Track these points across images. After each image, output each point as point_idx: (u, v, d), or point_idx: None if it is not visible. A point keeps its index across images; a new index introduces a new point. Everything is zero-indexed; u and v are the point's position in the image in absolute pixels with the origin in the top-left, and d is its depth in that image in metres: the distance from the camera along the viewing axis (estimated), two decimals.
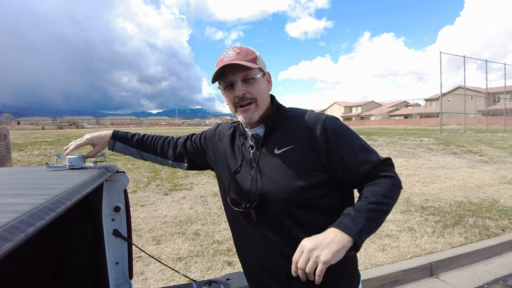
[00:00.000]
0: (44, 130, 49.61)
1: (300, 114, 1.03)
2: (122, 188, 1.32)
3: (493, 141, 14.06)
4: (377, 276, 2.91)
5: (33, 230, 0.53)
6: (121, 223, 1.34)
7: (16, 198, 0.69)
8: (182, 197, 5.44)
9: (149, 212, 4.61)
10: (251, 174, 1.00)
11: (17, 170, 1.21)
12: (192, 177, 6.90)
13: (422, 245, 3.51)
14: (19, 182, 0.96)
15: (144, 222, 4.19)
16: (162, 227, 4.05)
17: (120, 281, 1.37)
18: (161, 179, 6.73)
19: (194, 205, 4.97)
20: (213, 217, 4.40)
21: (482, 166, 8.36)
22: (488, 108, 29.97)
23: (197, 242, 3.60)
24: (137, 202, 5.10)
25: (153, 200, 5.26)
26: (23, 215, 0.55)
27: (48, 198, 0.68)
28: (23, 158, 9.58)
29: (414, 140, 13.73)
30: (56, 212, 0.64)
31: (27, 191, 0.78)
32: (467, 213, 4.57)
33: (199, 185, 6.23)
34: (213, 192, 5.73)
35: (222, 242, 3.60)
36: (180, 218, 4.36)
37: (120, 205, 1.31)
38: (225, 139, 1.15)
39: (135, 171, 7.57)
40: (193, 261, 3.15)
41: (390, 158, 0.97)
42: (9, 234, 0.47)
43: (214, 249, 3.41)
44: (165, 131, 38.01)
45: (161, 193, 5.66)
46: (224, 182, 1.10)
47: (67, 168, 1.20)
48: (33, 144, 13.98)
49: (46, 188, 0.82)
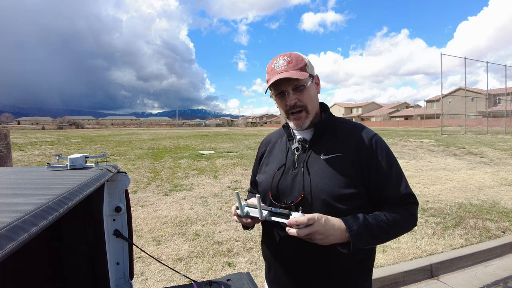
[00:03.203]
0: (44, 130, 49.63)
1: (352, 126, 1.09)
2: (123, 189, 1.32)
3: (494, 143, 14.05)
4: (378, 278, 2.91)
5: (36, 230, 0.53)
6: (122, 224, 1.34)
7: (18, 198, 0.69)
8: (183, 197, 5.44)
9: (149, 213, 4.61)
10: (294, 173, 1.06)
11: (18, 170, 1.21)
12: (193, 178, 6.90)
13: (423, 247, 3.50)
14: (21, 182, 0.96)
15: (144, 223, 4.20)
16: (162, 227, 4.05)
17: (120, 282, 1.37)
18: (161, 180, 6.73)
19: (195, 206, 4.97)
20: (213, 218, 4.40)
21: (483, 168, 8.35)
22: (488, 110, 29.97)
23: (197, 242, 3.60)
24: (137, 203, 5.10)
25: (153, 200, 5.26)
26: (26, 215, 0.55)
27: (50, 198, 0.68)
28: (23, 158, 9.59)
29: (414, 142, 13.73)
30: (59, 212, 0.64)
31: (29, 191, 0.78)
32: (467, 215, 4.56)
33: (200, 186, 6.23)
34: (213, 192, 5.73)
35: (222, 243, 3.60)
36: (180, 219, 4.36)
37: (121, 205, 1.31)
38: (273, 143, 1.23)
39: (136, 171, 7.57)
40: (193, 262, 3.15)
41: (415, 197, 1.03)
42: (13, 234, 0.48)
43: (214, 250, 3.41)
44: (165, 131, 38.02)
45: (162, 194, 5.66)
46: (267, 179, 1.13)
47: (68, 168, 1.20)
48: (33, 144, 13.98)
49: (48, 188, 0.82)
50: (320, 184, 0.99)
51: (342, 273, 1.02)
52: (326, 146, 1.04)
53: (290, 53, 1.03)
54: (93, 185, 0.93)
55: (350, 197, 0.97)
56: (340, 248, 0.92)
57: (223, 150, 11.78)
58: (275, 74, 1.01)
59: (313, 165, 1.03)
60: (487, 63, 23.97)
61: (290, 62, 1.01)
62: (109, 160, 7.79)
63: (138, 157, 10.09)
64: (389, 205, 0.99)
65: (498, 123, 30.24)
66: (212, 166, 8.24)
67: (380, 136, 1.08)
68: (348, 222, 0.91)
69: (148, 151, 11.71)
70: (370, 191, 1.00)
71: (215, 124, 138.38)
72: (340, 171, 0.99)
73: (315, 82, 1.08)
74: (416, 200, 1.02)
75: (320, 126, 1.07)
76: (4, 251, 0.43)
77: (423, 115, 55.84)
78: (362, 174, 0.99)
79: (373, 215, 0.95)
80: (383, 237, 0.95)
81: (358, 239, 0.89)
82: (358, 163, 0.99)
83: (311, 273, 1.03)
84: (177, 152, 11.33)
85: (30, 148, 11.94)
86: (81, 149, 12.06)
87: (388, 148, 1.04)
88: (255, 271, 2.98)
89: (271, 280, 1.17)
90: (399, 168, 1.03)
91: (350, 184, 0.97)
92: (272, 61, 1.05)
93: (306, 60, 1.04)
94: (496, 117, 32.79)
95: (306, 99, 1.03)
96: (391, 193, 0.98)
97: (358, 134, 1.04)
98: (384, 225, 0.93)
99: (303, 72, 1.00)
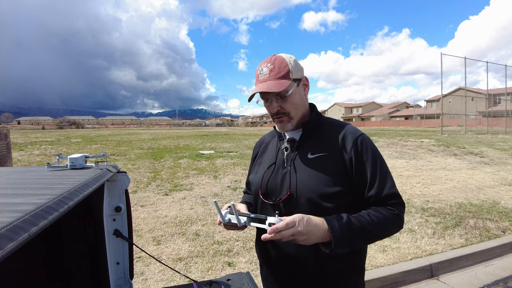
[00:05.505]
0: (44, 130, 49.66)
1: (338, 125, 1.11)
2: (123, 188, 1.32)
3: (494, 143, 14.06)
4: (377, 278, 2.91)
5: (37, 230, 0.53)
6: (122, 223, 1.34)
7: (18, 198, 0.69)
8: (183, 197, 5.44)
9: (150, 213, 4.61)
10: (283, 172, 1.09)
11: (19, 170, 1.21)
12: (193, 178, 6.90)
13: (423, 247, 3.50)
14: (21, 182, 0.96)
15: (144, 223, 4.20)
16: (162, 227, 4.05)
17: (120, 281, 1.37)
18: (162, 180, 6.73)
19: (195, 206, 4.97)
20: (213, 218, 4.40)
21: (483, 168, 8.35)
22: (489, 110, 29.97)
23: (197, 242, 3.60)
24: (137, 202, 5.11)
25: (153, 200, 5.26)
26: (27, 215, 0.55)
27: (50, 198, 0.68)
28: (23, 157, 9.59)
29: (414, 142, 13.73)
30: (59, 212, 0.64)
31: (29, 191, 0.78)
32: (467, 215, 4.56)
33: (200, 186, 6.23)
34: (213, 192, 5.73)
35: (223, 242, 3.60)
36: (180, 219, 4.36)
37: (121, 205, 1.31)
38: (266, 143, 1.27)
39: (136, 171, 7.57)
40: (193, 262, 3.15)
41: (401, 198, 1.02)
42: (13, 234, 0.48)
43: (215, 250, 3.41)
44: (165, 131, 38.02)
45: (162, 194, 5.66)
46: (257, 178, 1.17)
47: (69, 168, 1.20)
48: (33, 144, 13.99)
49: (48, 188, 0.82)
50: (306, 183, 1.01)
51: (334, 272, 1.03)
52: (313, 145, 1.07)
53: (274, 59, 1.04)
54: (93, 185, 0.93)
55: (335, 195, 0.98)
56: (323, 248, 0.91)
57: (223, 150, 11.79)
58: (258, 82, 1.05)
59: (300, 164, 1.06)
60: (487, 62, 23.96)
61: (272, 70, 1.02)
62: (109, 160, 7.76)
63: (138, 157, 10.09)
64: (373, 204, 0.99)
65: (498, 123, 30.23)
66: (212, 166, 8.24)
67: (368, 136, 1.09)
68: (331, 222, 0.91)
69: (148, 151, 11.71)
70: (355, 189, 1.01)
71: (215, 124, 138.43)
72: (326, 170, 1.01)
73: (302, 84, 1.09)
74: (401, 201, 1.01)
75: (308, 126, 1.10)
76: (4, 251, 0.43)
77: (423, 115, 55.83)
78: (346, 173, 1.00)
79: (357, 216, 0.95)
80: (366, 238, 0.95)
81: (340, 239, 0.89)
82: (343, 162, 1.01)
83: (302, 271, 1.04)
84: (177, 152, 11.34)
85: (30, 148, 11.94)
86: (81, 149, 12.06)
87: (374, 148, 1.05)
88: (255, 271, 2.98)
89: (264, 277, 1.21)
90: (385, 168, 1.03)
91: (336, 183, 0.99)
92: (259, 66, 1.07)
93: (291, 65, 1.03)
94: (496, 117, 32.79)
95: (288, 107, 1.06)
96: (375, 193, 0.98)
97: (344, 134, 1.05)
98: (367, 226, 0.93)
99: (285, 80, 1.01)
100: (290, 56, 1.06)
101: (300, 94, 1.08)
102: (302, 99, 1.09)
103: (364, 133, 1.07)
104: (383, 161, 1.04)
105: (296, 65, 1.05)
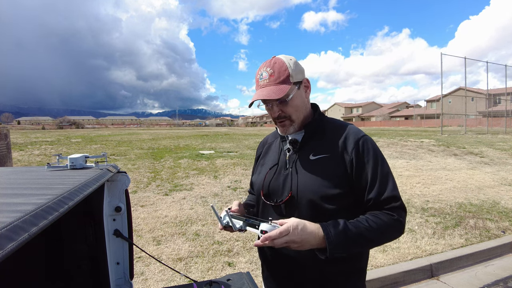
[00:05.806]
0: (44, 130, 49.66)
1: (341, 126, 1.09)
2: (123, 188, 1.32)
3: (494, 143, 14.06)
4: (377, 278, 2.91)
5: (37, 230, 0.53)
6: (122, 223, 1.34)
7: (18, 198, 0.69)
8: (183, 197, 5.44)
9: (150, 213, 4.61)
10: (285, 174, 1.09)
11: (19, 170, 1.21)
12: (193, 178, 6.90)
13: (423, 247, 3.51)
14: (21, 182, 0.96)
15: (144, 223, 4.20)
16: (162, 227, 4.05)
17: (120, 282, 1.37)
18: (162, 180, 6.73)
19: (195, 206, 4.97)
20: (213, 218, 4.40)
21: (483, 168, 8.35)
22: (489, 110, 29.97)
23: (197, 242, 3.60)
24: (137, 203, 5.11)
25: (153, 200, 5.26)
26: (27, 215, 0.55)
27: (50, 198, 0.68)
28: (23, 157, 9.59)
29: (414, 142, 13.73)
30: (59, 212, 0.64)
31: (29, 191, 0.78)
32: (467, 215, 4.56)
33: (200, 186, 6.23)
34: (213, 192, 5.73)
35: (223, 242, 3.60)
36: (180, 219, 4.36)
37: (121, 205, 1.31)
38: (269, 144, 1.27)
39: (136, 171, 7.57)
40: (193, 262, 3.15)
41: (402, 201, 1.00)
42: (13, 234, 0.48)
43: (215, 250, 3.41)
44: (165, 131, 38.01)
45: (162, 194, 5.66)
46: (260, 179, 1.17)
47: (69, 168, 1.20)
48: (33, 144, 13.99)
49: (48, 188, 0.82)
50: (307, 184, 1.01)
51: (333, 274, 1.02)
52: (315, 147, 1.06)
53: (274, 63, 1.02)
54: (93, 185, 0.93)
55: (336, 197, 0.98)
56: (319, 254, 0.90)
57: (223, 150, 11.79)
58: (258, 87, 1.04)
59: (302, 166, 1.06)
60: (487, 62, 23.96)
61: (272, 75, 1.01)
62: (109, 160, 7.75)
63: (138, 157, 10.09)
64: (373, 207, 0.97)
65: (498, 123, 30.22)
66: (212, 166, 8.24)
67: (370, 137, 1.07)
68: (326, 229, 0.89)
69: (148, 151, 11.71)
70: (355, 192, 1.00)
71: (215, 124, 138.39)
72: (327, 172, 1.00)
73: (304, 86, 1.08)
74: (402, 205, 0.98)
75: (310, 127, 1.09)
76: (4, 251, 0.43)
77: (423, 115, 55.82)
78: (347, 175, 0.99)
79: (355, 222, 0.93)
80: (363, 244, 0.93)
81: (336, 247, 0.88)
82: (344, 163, 1.00)
83: (300, 273, 1.04)
84: (177, 152, 11.34)
85: (30, 148, 11.94)
86: (81, 149, 12.06)
87: (376, 150, 1.03)
88: (255, 271, 2.98)
89: (265, 278, 1.21)
90: (387, 170, 1.01)
91: (337, 184, 0.98)
92: (259, 69, 1.05)
93: (291, 68, 1.01)
94: (496, 117, 32.78)
95: (289, 110, 1.05)
96: (374, 195, 0.97)
97: (346, 135, 1.04)
98: (365, 232, 0.91)
99: (285, 85, 1.00)
100: (290, 58, 1.04)
101: (301, 96, 1.07)
102: (303, 102, 1.08)
103: (367, 135, 1.06)
104: (384, 164, 1.02)
105: (296, 68, 1.03)
